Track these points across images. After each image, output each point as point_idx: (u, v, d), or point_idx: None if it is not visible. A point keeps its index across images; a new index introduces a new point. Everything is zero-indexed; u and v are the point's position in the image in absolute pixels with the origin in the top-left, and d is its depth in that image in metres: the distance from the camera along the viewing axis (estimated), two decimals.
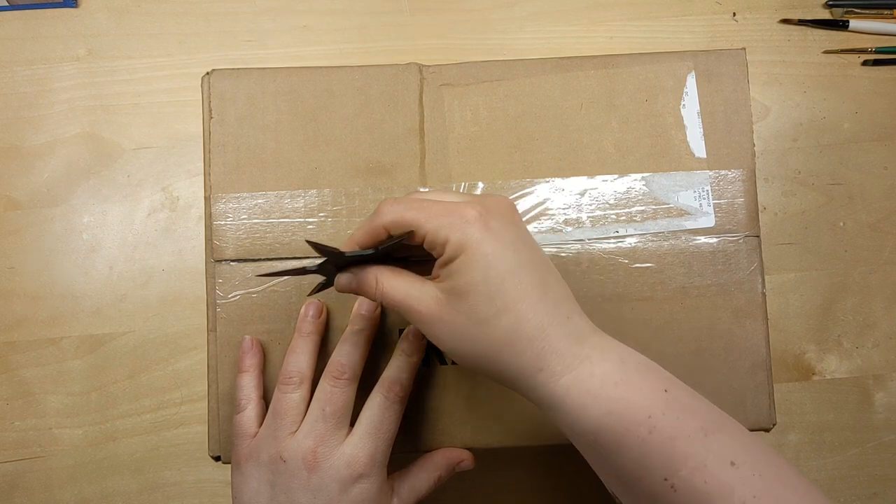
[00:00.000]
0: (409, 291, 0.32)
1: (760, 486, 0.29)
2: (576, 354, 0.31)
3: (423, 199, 0.33)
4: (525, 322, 0.30)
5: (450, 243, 0.31)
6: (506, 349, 0.31)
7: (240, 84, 0.42)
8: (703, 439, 0.29)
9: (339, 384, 0.37)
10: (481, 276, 0.30)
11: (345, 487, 0.36)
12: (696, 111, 0.42)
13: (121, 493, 0.52)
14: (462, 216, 0.31)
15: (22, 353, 0.53)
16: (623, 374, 0.30)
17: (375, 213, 0.33)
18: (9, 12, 0.56)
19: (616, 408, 0.30)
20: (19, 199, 0.54)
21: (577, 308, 0.33)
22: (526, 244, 0.32)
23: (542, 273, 0.32)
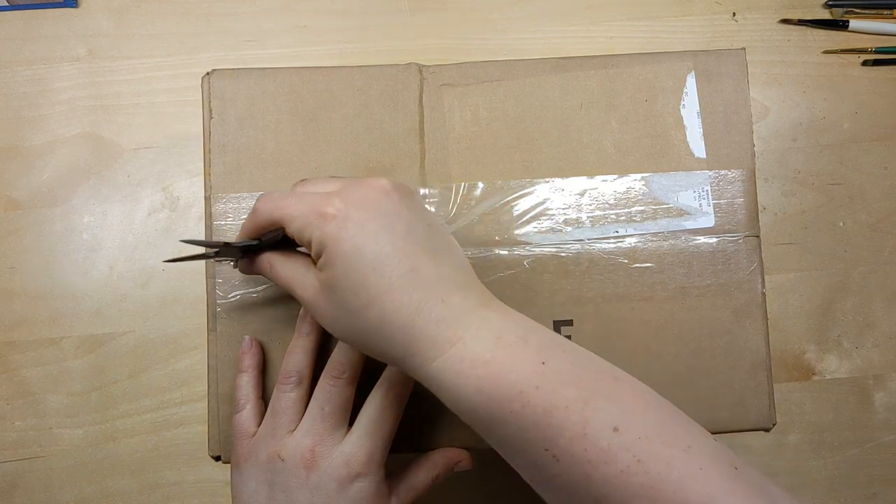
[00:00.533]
0: (294, 277, 0.34)
1: (645, 451, 0.29)
2: (447, 338, 0.31)
3: (293, 194, 0.33)
4: (391, 314, 0.31)
5: (312, 242, 0.32)
6: (377, 337, 0.32)
7: (240, 84, 0.42)
8: (581, 409, 0.29)
9: (338, 383, 0.37)
10: (343, 273, 0.31)
11: (343, 486, 0.36)
12: (695, 111, 0.42)
13: (121, 493, 0.52)
14: (321, 214, 0.31)
15: (22, 353, 0.53)
16: (495, 351, 0.31)
17: (254, 206, 0.35)
18: (9, 12, 0.56)
19: (486, 386, 0.30)
20: (19, 199, 0.54)
21: (463, 286, 0.33)
22: (392, 231, 0.31)
23: (413, 258, 0.31)
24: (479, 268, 0.41)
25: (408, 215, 0.32)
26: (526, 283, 0.41)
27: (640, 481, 0.28)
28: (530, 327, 0.33)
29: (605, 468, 0.29)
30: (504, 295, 0.40)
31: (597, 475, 0.29)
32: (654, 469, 0.28)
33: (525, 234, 0.41)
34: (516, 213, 0.41)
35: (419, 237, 0.32)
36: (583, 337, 0.40)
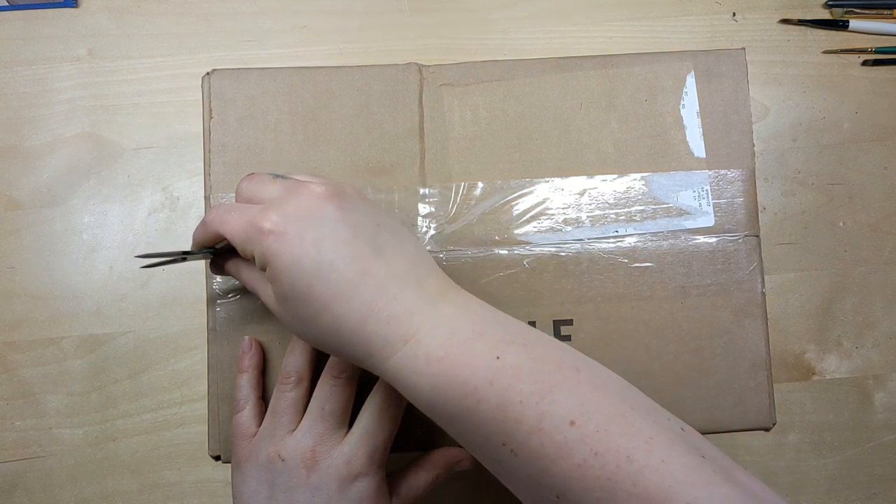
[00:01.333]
0: (257, 285, 0.35)
1: (603, 443, 0.28)
2: (401, 336, 0.31)
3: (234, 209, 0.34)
4: (341, 319, 0.31)
5: (255, 257, 0.32)
6: (335, 341, 0.32)
7: (240, 84, 0.42)
8: (537, 403, 0.29)
9: (338, 383, 0.37)
10: (289, 286, 0.31)
11: (344, 486, 0.36)
12: (695, 111, 0.42)
13: (121, 493, 0.52)
14: (259, 229, 0.31)
15: (22, 353, 0.53)
16: (449, 348, 0.30)
17: (203, 221, 0.35)
18: (9, 12, 0.56)
19: (440, 383, 0.30)
20: (19, 199, 0.54)
21: (417, 279, 0.32)
22: (335, 238, 0.31)
23: (360, 262, 0.31)
24: (479, 268, 0.41)
25: (350, 218, 0.32)
26: (526, 282, 0.41)
27: (598, 474, 0.28)
28: (490, 319, 0.32)
29: (562, 462, 0.28)
30: (504, 295, 0.41)
31: (555, 469, 0.28)
32: (613, 462, 0.28)
33: (525, 234, 0.41)
34: (516, 213, 0.41)
35: (365, 238, 0.32)
36: (582, 337, 0.40)
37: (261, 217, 0.32)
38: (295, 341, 0.39)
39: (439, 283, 0.33)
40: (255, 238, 0.32)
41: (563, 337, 0.41)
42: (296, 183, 0.33)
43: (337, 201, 0.32)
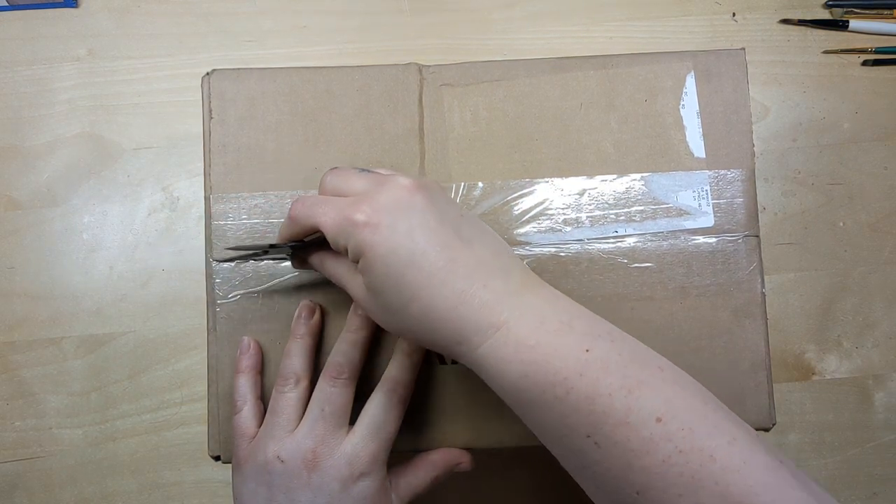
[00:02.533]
0: (344, 277, 0.35)
1: (688, 441, 0.29)
2: (491, 323, 0.31)
3: (324, 202, 0.34)
4: (433, 307, 0.31)
5: (349, 249, 0.32)
6: (424, 329, 0.32)
7: (240, 84, 0.42)
8: (625, 397, 0.29)
9: (337, 384, 0.37)
10: (382, 275, 0.32)
11: (346, 486, 0.36)
12: (695, 111, 0.42)
13: (121, 493, 0.52)
14: (353, 222, 0.32)
15: (22, 353, 0.53)
16: (539, 337, 0.31)
17: (289, 214, 0.35)
18: (9, 12, 0.56)
19: (530, 371, 0.30)
20: (19, 199, 0.54)
21: (503, 268, 0.33)
22: (425, 227, 0.32)
23: (449, 250, 0.32)
24: None
25: (437, 209, 0.33)
26: None
27: (681, 472, 0.28)
28: (576, 312, 0.33)
29: (646, 458, 0.29)
30: None
31: (638, 464, 0.29)
32: (696, 460, 0.28)
33: (525, 234, 0.41)
34: (516, 213, 0.41)
35: (452, 227, 0.33)
36: None
37: (353, 209, 0.32)
38: (292, 343, 0.39)
39: (524, 273, 0.34)
40: (349, 230, 0.32)
41: None
42: (382, 176, 0.34)
43: (424, 192, 0.33)
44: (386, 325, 0.34)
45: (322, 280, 0.40)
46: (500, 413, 0.40)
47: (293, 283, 0.40)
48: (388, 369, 0.39)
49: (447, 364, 0.41)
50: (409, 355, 0.39)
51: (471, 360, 0.32)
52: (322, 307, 0.40)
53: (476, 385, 0.40)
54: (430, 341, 0.33)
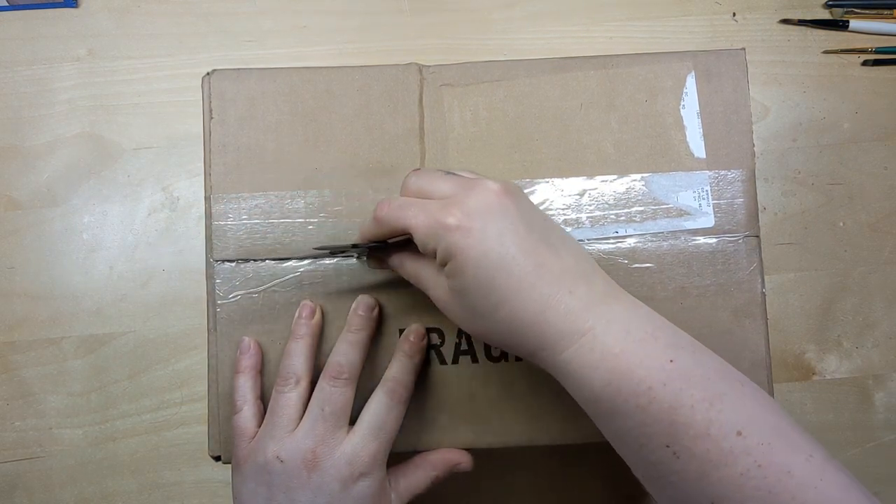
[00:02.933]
0: (426, 278, 0.35)
1: (766, 456, 0.29)
2: (577, 329, 0.31)
3: (413, 204, 0.34)
4: (521, 311, 0.32)
5: (438, 252, 0.32)
6: (508, 334, 0.33)
7: (240, 84, 0.42)
8: (707, 409, 0.30)
9: (338, 384, 0.37)
10: (472, 279, 0.32)
11: (346, 486, 0.36)
12: (695, 111, 0.42)
13: (121, 493, 0.52)
14: (444, 225, 0.32)
15: (22, 353, 0.53)
16: (625, 345, 0.31)
17: (374, 215, 0.35)
18: (9, 12, 0.56)
19: (614, 379, 0.31)
20: (19, 198, 0.54)
21: (586, 275, 0.33)
22: (514, 232, 0.32)
23: (537, 255, 0.32)
24: None
25: (524, 214, 0.33)
26: None
27: (758, 485, 0.29)
28: (658, 323, 0.33)
29: (724, 470, 0.29)
30: None
31: (715, 476, 0.29)
32: (774, 475, 0.29)
33: None
34: None
35: (539, 233, 0.33)
36: None
37: (444, 213, 0.32)
38: (292, 343, 0.39)
39: (606, 281, 0.34)
40: (440, 233, 0.32)
41: None
42: (469, 179, 0.34)
43: (512, 197, 0.33)
44: (467, 327, 0.34)
45: (322, 280, 0.40)
46: (499, 413, 0.40)
47: (293, 283, 0.40)
48: (388, 369, 0.39)
49: (447, 364, 0.41)
50: (409, 356, 0.39)
51: (552, 365, 0.32)
52: (322, 307, 0.40)
53: (476, 385, 0.41)
54: (513, 345, 0.33)
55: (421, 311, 0.41)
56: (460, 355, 0.41)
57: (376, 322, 0.40)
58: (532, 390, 0.40)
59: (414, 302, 0.40)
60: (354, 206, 0.41)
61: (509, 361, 0.41)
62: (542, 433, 0.40)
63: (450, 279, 0.33)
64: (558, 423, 0.40)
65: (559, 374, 0.33)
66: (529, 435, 0.41)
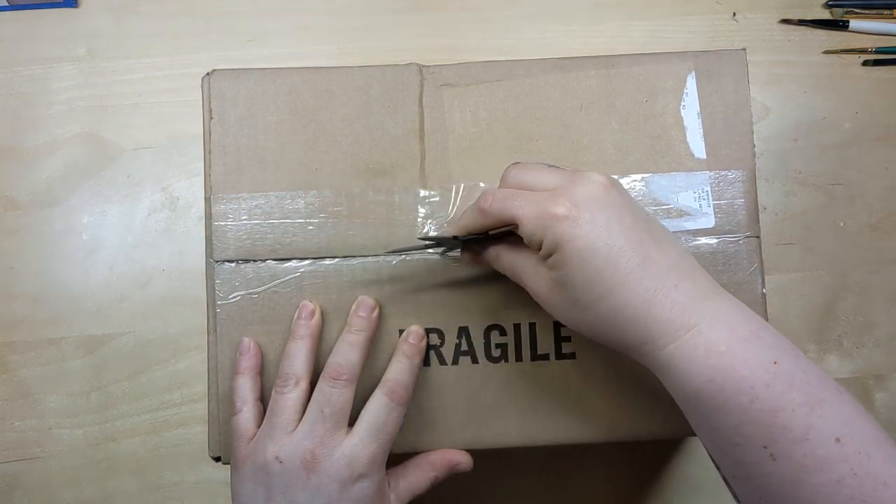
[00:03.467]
0: (524, 270, 0.35)
1: (864, 465, 0.29)
2: (682, 324, 0.31)
3: (519, 195, 0.34)
4: (626, 304, 0.32)
5: (545, 242, 0.32)
6: (609, 327, 0.33)
7: (240, 84, 0.42)
8: (807, 414, 0.30)
9: (337, 385, 0.37)
10: (578, 270, 0.32)
11: (345, 487, 0.36)
12: (696, 111, 0.42)
13: (121, 493, 0.52)
14: (552, 215, 0.32)
15: (22, 353, 0.53)
16: (730, 344, 0.31)
17: (477, 206, 0.35)
18: (9, 12, 0.56)
19: (717, 376, 0.31)
20: (19, 199, 0.54)
21: (690, 271, 0.33)
22: (622, 224, 0.32)
23: (643, 248, 0.32)
24: (480, 268, 0.41)
25: (630, 207, 0.33)
26: None
27: (852, 494, 0.29)
28: (761, 323, 0.33)
29: (819, 476, 0.29)
30: (504, 296, 0.40)
31: (810, 481, 0.29)
32: (870, 485, 0.29)
33: None
34: None
35: (644, 226, 0.33)
36: (583, 338, 0.40)
37: (552, 203, 0.32)
38: (292, 344, 0.39)
39: (708, 278, 0.34)
40: (547, 223, 0.32)
41: (563, 338, 0.41)
42: (574, 171, 0.34)
43: (617, 189, 0.33)
44: (567, 320, 0.34)
45: (322, 281, 0.40)
46: (500, 413, 0.40)
47: (293, 284, 0.40)
48: (388, 371, 0.38)
49: (447, 365, 0.41)
50: (409, 357, 0.39)
51: (653, 360, 0.32)
52: (322, 308, 0.40)
53: (476, 386, 0.41)
54: (614, 338, 0.33)
55: (421, 312, 0.41)
56: (460, 356, 0.41)
57: (376, 323, 0.40)
58: (532, 391, 0.40)
59: (414, 302, 0.40)
60: (355, 206, 0.41)
61: (509, 362, 0.41)
62: (542, 433, 0.40)
63: (553, 270, 0.33)
64: (558, 423, 0.40)
65: (659, 368, 0.32)
66: (529, 435, 0.41)
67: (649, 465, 0.53)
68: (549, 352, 0.41)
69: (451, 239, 0.38)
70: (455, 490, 0.47)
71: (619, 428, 0.40)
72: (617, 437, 0.40)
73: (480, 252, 0.38)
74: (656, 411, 0.40)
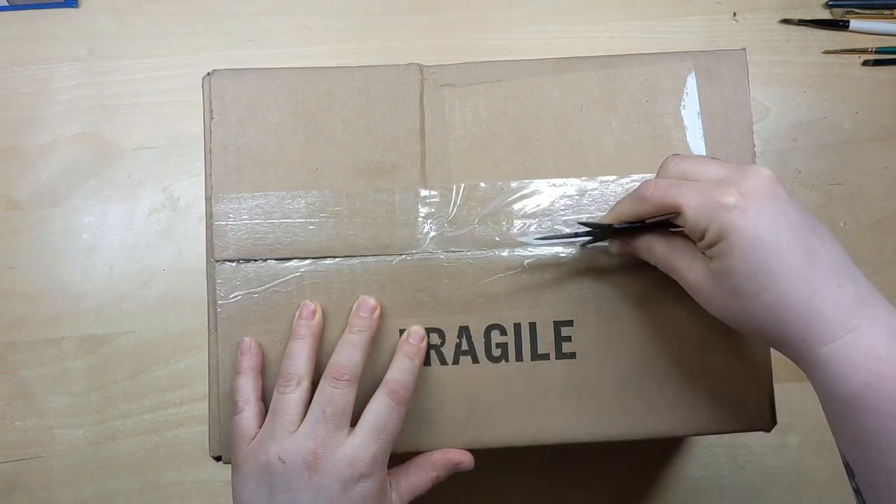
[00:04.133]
0: (679, 261, 0.35)
1: None
2: (844, 324, 0.31)
3: (684, 184, 0.34)
4: (788, 297, 0.32)
5: (710, 231, 0.32)
6: (768, 320, 0.32)
7: (240, 84, 0.42)
8: None
9: (339, 385, 0.37)
10: (742, 260, 0.32)
11: (347, 487, 0.36)
12: (696, 112, 0.42)
13: (121, 493, 0.52)
14: (721, 205, 0.32)
15: (22, 354, 0.53)
16: (889, 348, 0.31)
17: (638, 193, 0.35)
18: (9, 12, 0.56)
19: (874, 381, 0.30)
20: (19, 199, 0.54)
21: (851, 273, 0.33)
22: (788, 218, 0.32)
23: (809, 244, 0.32)
24: (480, 268, 0.41)
25: (795, 204, 0.33)
26: (526, 283, 0.41)
27: None
28: None
29: None
30: (504, 295, 0.41)
31: None
32: None
33: (525, 235, 0.41)
34: (517, 214, 0.41)
35: (809, 225, 0.33)
36: (583, 337, 0.40)
37: (721, 192, 0.32)
38: (293, 343, 0.39)
39: (867, 283, 0.34)
40: (714, 212, 0.32)
41: (563, 338, 0.41)
42: (741, 165, 0.34)
43: (782, 185, 0.34)
44: (724, 311, 0.34)
45: (323, 280, 0.40)
46: (500, 413, 0.40)
47: (294, 283, 0.40)
48: (389, 371, 0.39)
49: (448, 365, 0.41)
50: (410, 357, 0.39)
51: (807, 357, 0.32)
52: (323, 308, 0.40)
53: (476, 385, 0.41)
54: (772, 333, 0.33)
55: (421, 312, 0.41)
56: (461, 356, 0.41)
57: (377, 323, 0.40)
58: (532, 390, 0.40)
59: (414, 302, 0.40)
60: (355, 206, 0.41)
61: (509, 362, 0.41)
62: (542, 433, 0.40)
63: (715, 260, 0.33)
64: (558, 423, 0.40)
65: (812, 366, 0.32)
66: (529, 435, 0.41)
67: (649, 464, 0.53)
68: (549, 352, 0.41)
69: (607, 227, 0.38)
70: (455, 490, 0.47)
71: (619, 427, 0.40)
72: (617, 436, 0.40)
73: (629, 242, 0.38)
74: (656, 411, 0.40)
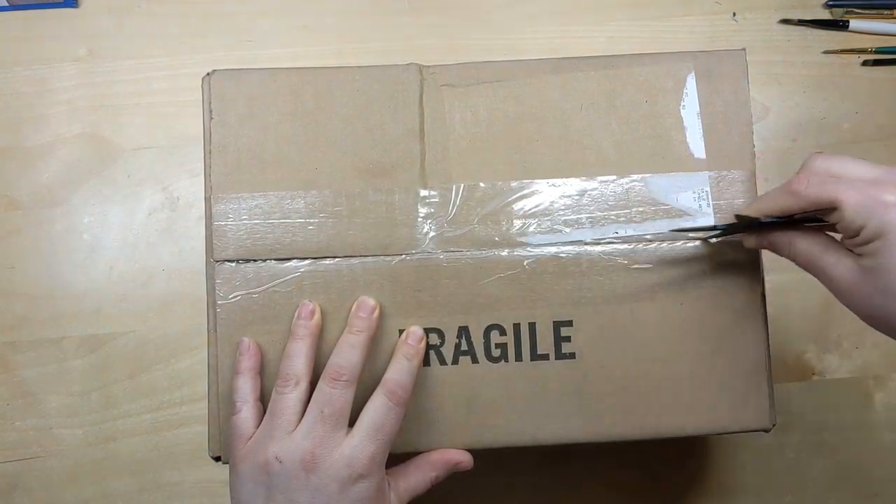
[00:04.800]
0: (822, 258, 0.35)
1: None
2: None
3: (840, 181, 0.34)
4: None
5: (867, 227, 0.32)
6: None
7: (240, 85, 0.42)
8: None
9: (337, 385, 0.37)
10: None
11: (344, 487, 0.36)
12: (695, 112, 0.42)
13: (121, 493, 0.52)
14: (881, 202, 0.32)
15: (22, 353, 0.53)
16: None
17: (789, 188, 0.35)
18: (9, 12, 0.56)
19: None
20: (20, 199, 0.54)
21: None
22: None
23: None
24: (479, 269, 0.41)
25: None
26: (526, 284, 0.41)
27: None
28: None
29: None
30: (504, 296, 0.41)
31: None
32: None
33: (525, 235, 0.41)
34: (516, 214, 0.41)
35: None
36: (582, 338, 0.40)
37: (881, 190, 0.33)
38: (292, 344, 0.39)
39: None
40: (875, 209, 0.32)
41: (563, 338, 0.41)
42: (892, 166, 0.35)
43: None
44: (872, 310, 0.34)
45: (322, 281, 0.40)
46: (500, 413, 0.40)
47: (293, 283, 0.40)
48: (387, 371, 0.39)
49: (447, 365, 0.41)
50: (408, 358, 0.39)
51: None
52: (322, 308, 0.40)
53: (476, 386, 0.41)
54: None
55: (421, 312, 0.41)
56: (460, 356, 0.41)
57: (377, 323, 0.40)
58: (532, 391, 0.40)
59: (414, 302, 0.40)
60: (355, 206, 0.41)
61: (509, 362, 0.41)
62: (542, 433, 0.40)
63: (868, 257, 0.33)
64: (558, 423, 0.40)
65: None
66: (529, 435, 0.41)
67: (650, 464, 0.53)
68: (549, 352, 0.41)
69: (755, 220, 0.38)
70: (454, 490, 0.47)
71: (619, 428, 0.40)
72: (617, 436, 0.40)
73: (766, 237, 0.38)
74: (656, 411, 0.40)
